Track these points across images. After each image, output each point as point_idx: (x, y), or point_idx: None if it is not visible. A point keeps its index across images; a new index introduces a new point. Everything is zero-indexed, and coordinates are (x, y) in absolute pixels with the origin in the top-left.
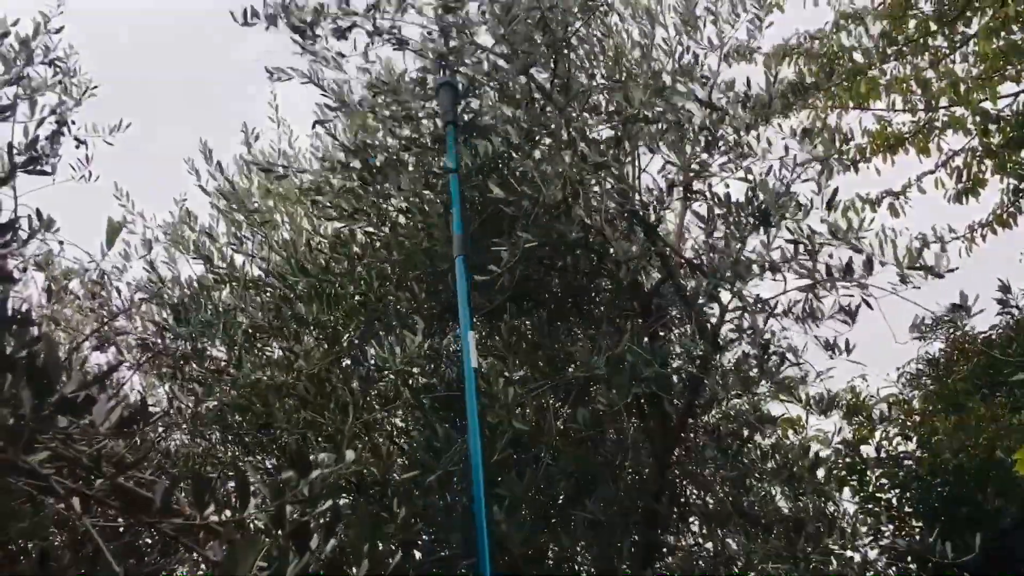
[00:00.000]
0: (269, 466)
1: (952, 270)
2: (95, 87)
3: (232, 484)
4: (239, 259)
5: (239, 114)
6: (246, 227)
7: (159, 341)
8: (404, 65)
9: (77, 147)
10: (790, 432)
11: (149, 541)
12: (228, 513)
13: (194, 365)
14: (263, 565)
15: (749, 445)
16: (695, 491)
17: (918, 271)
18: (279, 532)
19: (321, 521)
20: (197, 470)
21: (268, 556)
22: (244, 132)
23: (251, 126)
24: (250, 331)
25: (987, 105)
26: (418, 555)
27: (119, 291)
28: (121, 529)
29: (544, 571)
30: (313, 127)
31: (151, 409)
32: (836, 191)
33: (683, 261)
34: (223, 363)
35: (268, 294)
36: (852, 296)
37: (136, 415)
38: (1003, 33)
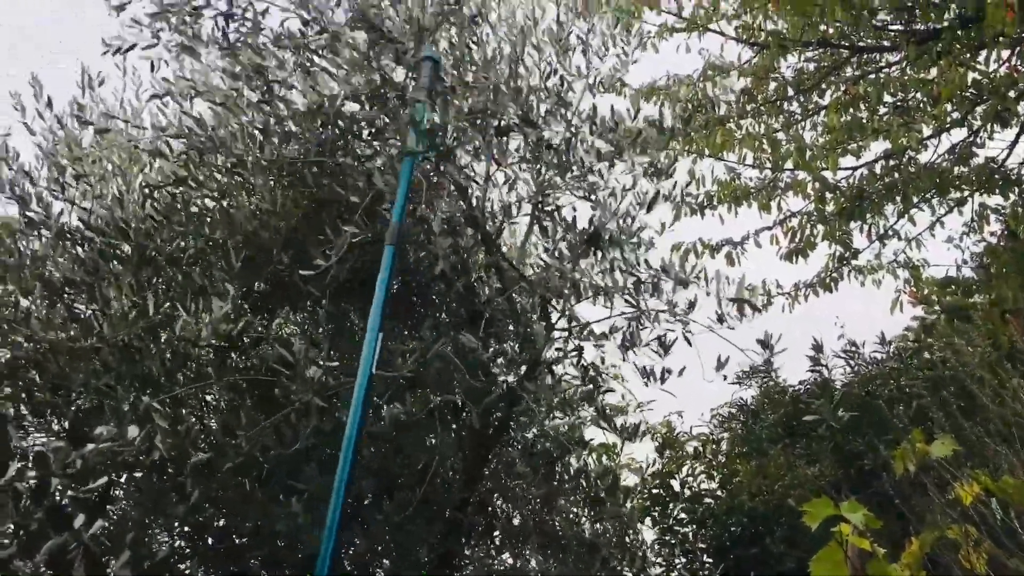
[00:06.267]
0: (58, 429)
1: (769, 303)
2: None
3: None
4: (58, 206)
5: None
6: (71, 174)
7: None
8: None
9: None
10: (603, 457)
11: None
12: None
13: None
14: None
15: (560, 466)
16: (503, 505)
17: (737, 303)
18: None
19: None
20: None
21: (25, 529)
22: (82, 74)
23: (98, 71)
24: (59, 284)
25: (827, 174)
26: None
27: None
28: None
29: (340, 571)
30: (112, 53)
31: None
32: (655, 196)
33: (519, 276)
34: (22, 314)
35: (86, 248)
36: (674, 331)
37: None
38: (851, 109)
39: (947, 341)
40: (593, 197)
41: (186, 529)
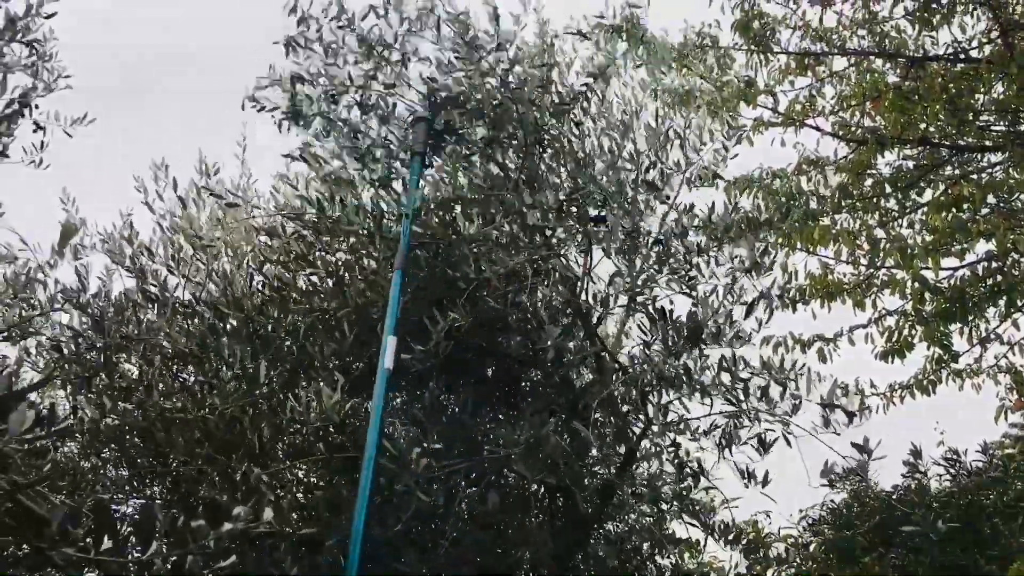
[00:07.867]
0: (158, 493)
1: (863, 404)
2: (68, 76)
3: (123, 509)
4: (173, 281)
5: (207, 145)
6: (187, 250)
7: (73, 347)
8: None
9: (35, 131)
10: (687, 555)
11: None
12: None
13: (103, 378)
14: None
15: (649, 564)
16: None
17: (838, 407)
18: None
19: None
20: (86, 488)
21: None
22: (202, 162)
23: (213, 160)
24: (170, 356)
25: (928, 274)
26: None
27: (44, 287)
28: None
29: None
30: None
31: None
32: (757, 299)
33: (617, 367)
34: (134, 382)
35: (196, 321)
36: (774, 431)
37: (42, 423)
38: (953, 209)
39: None
40: (691, 292)
41: None
